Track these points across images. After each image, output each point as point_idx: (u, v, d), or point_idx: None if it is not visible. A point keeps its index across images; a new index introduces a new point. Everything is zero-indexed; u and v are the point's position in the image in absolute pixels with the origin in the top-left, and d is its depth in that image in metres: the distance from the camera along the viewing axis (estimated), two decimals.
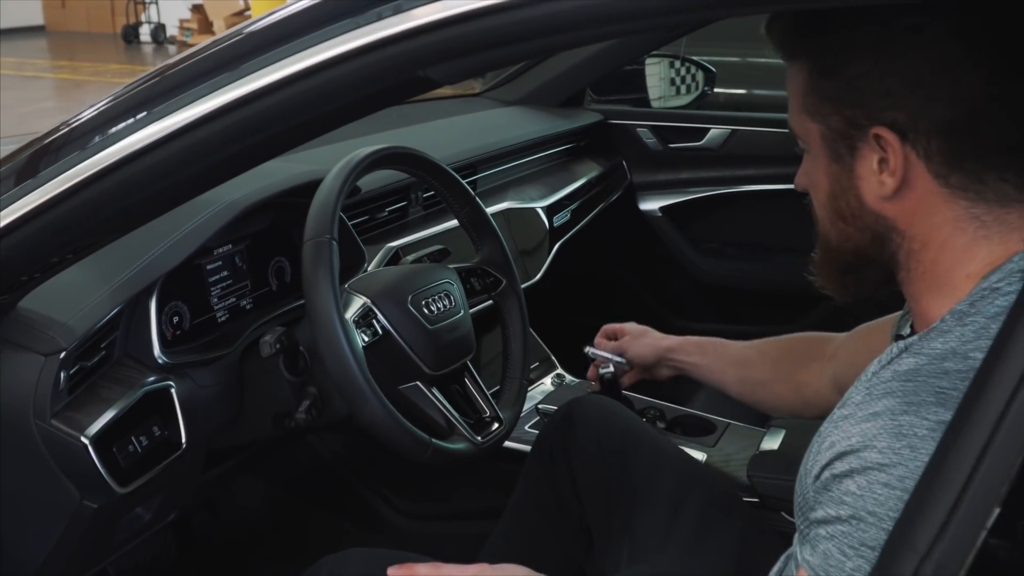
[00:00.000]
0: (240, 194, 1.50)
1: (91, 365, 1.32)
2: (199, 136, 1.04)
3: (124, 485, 1.28)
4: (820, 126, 1.03)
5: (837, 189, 1.04)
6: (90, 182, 1.08)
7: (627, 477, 1.58)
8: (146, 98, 1.08)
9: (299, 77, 0.98)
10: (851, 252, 1.07)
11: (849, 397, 1.01)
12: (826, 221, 1.08)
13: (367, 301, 1.45)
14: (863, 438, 0.93)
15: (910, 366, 0.96)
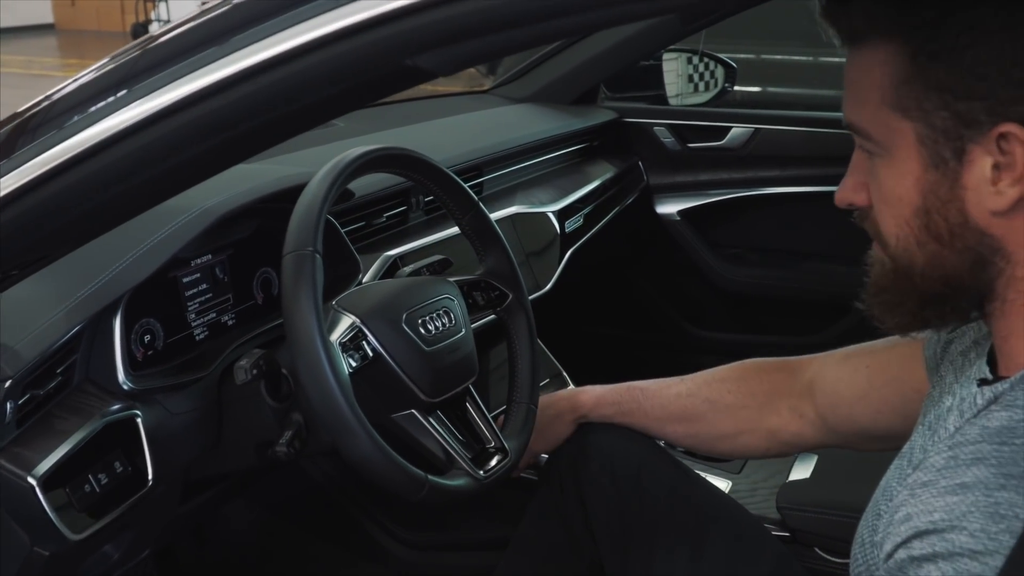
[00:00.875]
0: (215, 200, 1.37)
1: (45, 393, 1.19)
2: (180, 121, 0.91)
3: (78, 531, 1.14)
4: (918, 125, 0.88)
5: (933, 203, 0.89)
6: (55, 174, 0.95)
7: (644, 511, 1.45)
8: (128, 75, 0.95)
9: (266, 67, 0.84)
10: (941, 280, 0.92)
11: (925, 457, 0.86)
12: (909, 242, 0.92)
13: (356, 320, 1.31)
14: (949, 515, 0.80)
15: (1003, 422, 0.82)
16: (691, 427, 1.51)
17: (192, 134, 0.91)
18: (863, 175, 0.96)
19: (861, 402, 1.35)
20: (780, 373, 1.48)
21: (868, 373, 1.35)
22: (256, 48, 0.83)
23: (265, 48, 0.82)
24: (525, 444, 1.49)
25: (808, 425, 1.43)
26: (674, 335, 2.82)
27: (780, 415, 1.45)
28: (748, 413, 1.48)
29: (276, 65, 0.83)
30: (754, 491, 1.74)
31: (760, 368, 1.50)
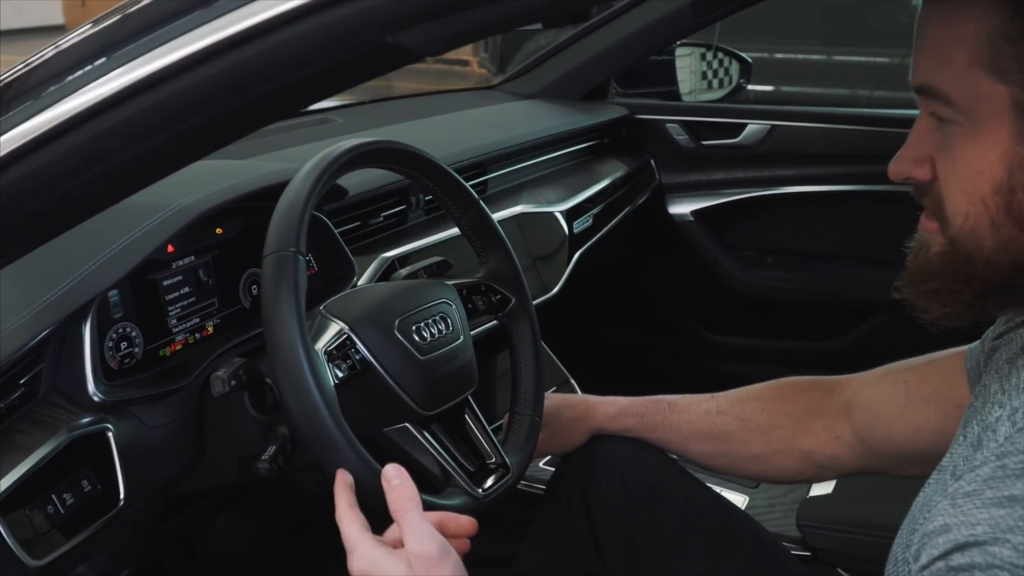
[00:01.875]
0: (194, 198, 1.29)
1: (7, 405, 1.11)
2: (154, 99, 0.84)
3: (38, 558, 1.06)
4: (1014, 89, 0.81)
5: (1020, 180, 0.83)
6: (32, 149, 0.88)
7: (656, 530, 1.39)
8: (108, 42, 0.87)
9: (227, 47, 0.76)
10: (1011, 266, 0.86)
11: (970, 467, 0.79)
12: (981, 224, 0.86)
13: (344, 327, 1.23)
14: (993, 529, 0.73)
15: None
16: (719, 446, 1.45)
17: (158, 118, 0.85)
18: (927, 146, 0.89)
19: (899, 419, 1.29)
20: (816, 392, 1.42)
21: (907, 388, 1.29)
22: (223, 22, 0.76)
23: (253, 13, 0.75)
24: (528, 459, 1.41)
25: (844, 447, 1.37)
26: (687, 340, 2.78)
27: (816, 435, 1.39)
28: (782, 433, 1.41)
29: (254, 37, 0.76)
30: (772, 507, 1.68)
31: (796, 386, 1.44)
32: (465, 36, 0.74)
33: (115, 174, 0.91)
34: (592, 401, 1.49)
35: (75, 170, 0.89)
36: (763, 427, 1.42)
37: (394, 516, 0.97)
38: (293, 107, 1.03)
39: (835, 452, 1.37)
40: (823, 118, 2.58)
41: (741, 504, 1.65)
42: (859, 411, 1.35)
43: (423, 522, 0.96)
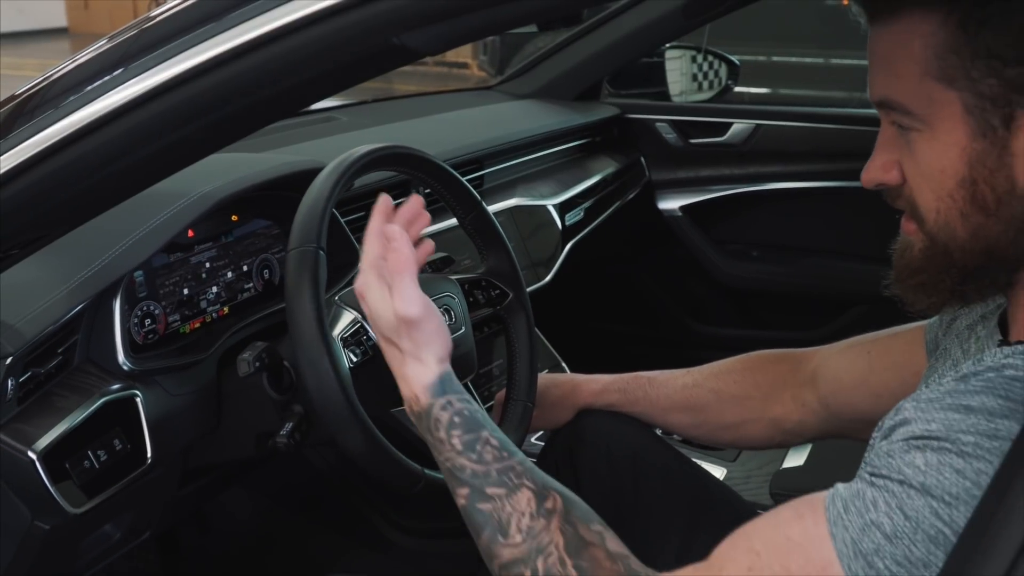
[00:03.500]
0: (214, 185, 1.39)
1: (45, 372, 1.21)
2: (169, 103, 0.93)
3: (77, 505, 1.17)
4: (965, 94, 0.88)
5: (980, 172, 0.89)
6: (58, 149, 0.97)
7: (639, 497, 1.46)
8: (125, 55, 0.97)
9: (256, 46, 0.86)
10: (983, 252, 0.92)
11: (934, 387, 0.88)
12: (952, 216, 0.92)
13: (357, 316, 1.32)
14: (947, 426, 0.82)
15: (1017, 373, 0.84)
16: (696, 416, 1.52)
17: (187, 112, 0.93)
18: (893, 153, 0.96)
19: (862, 387, 1.36)
20: (784, 364, 1.49)
21: (869, 359, 1.36)
22: (253, 24, 0.85)
23: (263, 23, 0.84)
24: (522, 440, 1.49)
25: (811, 414, 1.44)
26: (676, 331, 2.83)
27: (784, 404, 1.46)
28: (752, 403, 1.48)
29: (274, 40, 0.85)
30: (748, 479, 1.75)
31: (765, 359, 1.51)
32: (463, 37, 0.83)
33: (143, 164, 1.00)
34: (578, 379, 1.56)
35: (110, 159, 0.97)
36: (736, 398, 1.49)
37: (391, 273, 1.09)
38: (301, 104, 1.11)
39: (802, 419, 1.44)
40: (805, 117, 2.63)
41: (720, 476, 1.71)
42: (824, 380, 1.41)
43: (412, 287, 1.08)
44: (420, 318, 1.07)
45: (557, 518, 1.01)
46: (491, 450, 1.05)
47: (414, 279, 1.09)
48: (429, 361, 1.09)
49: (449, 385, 1.09)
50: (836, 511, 0.85)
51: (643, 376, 1.54)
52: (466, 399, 1.09)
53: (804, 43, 5.70)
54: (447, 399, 1.08)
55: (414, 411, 1.09)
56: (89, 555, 1.37)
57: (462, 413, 1.07)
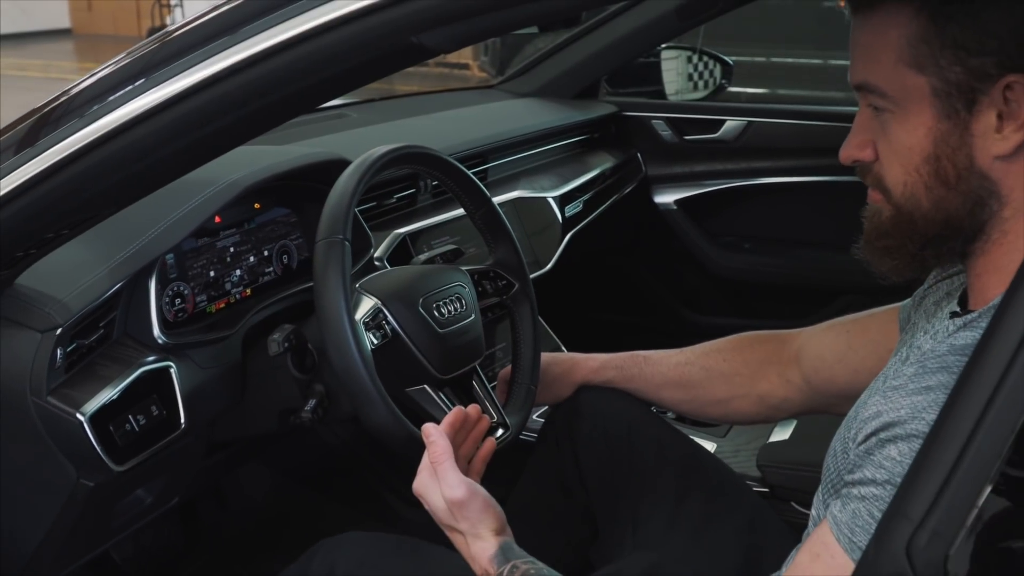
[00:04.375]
0: (240, 175, 1.49)
1: (89, 343, 1.32)
2: (195, 104, 1.03)
3: (120, 463, 1.27)
4: (933, 79, 0.97)
5: (943, 150, 0.98)
6: (85, 152, 1.07)
7: (633, 464, 1.55)
8: (146, 65, 1.07)
9: (290, 44, 0.96)
10: (942, 222, 1.01)
11: (898, 370, 0.98)
12: (917, 188, 1.01)
13: (377, 302, 1.42)
14: (913, 411, 0.92)
15: (969, 341, 0.94)
16: (688, 392, 1.60)
17: (226, 105, 1.03)
18: (868, 133, 1.04)
19: (841, 364, 1.45)
20: (770, 343, 1.58)
21: (848, 338, 1.46)
22: (286, 26, 0.96)
23: (296, 25, 0.94)
24: (525, 420, 1.59)
25: (795, 390, 1.53)
26: (671, 320, 2.92)
27: (770, 381, 1.55)
28: (741, 380, 1.57)
29: (305, 40, 0.95)
30: (737, 452, 1.84)
31: (753, 339, 1.60)
32: (475, 37, 0.94)
33: (182, 152, 1.10)
34: (577, 358, 1.66)
35: (152, 149, 1.07)
36: (725, 375, 1.58)
37: (432, 465, 1.19)
38: (324, 99, 1.21)
39: (786, 395, 1.54)
40: (795, 115, 2.71)
41: (711, 450, 1.81)
42: (807, 358, 1.51)
43: (454, 471, 1.18)
44: (466, 498, 1.17)
45: None
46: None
47: (454, 466, 1.19)
48: (486, 536, 1.17)
49: (511, 552, 1.17)
50: (846, 538, 0.94)
51: (639, 355, 1.64)
52: (529, 560, 1.17)
53: (803, 44, 5.75)
54: (512, 564, 1.15)
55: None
56: (123, 517, 1.48)
57: (528, 573, 1.15)
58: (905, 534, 0.71)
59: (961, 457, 0.70)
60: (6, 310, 1.26)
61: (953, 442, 0.71)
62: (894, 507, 0.75)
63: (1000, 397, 0.70)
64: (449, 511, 1.18)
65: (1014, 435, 0.69)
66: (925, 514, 0.70)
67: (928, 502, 0.70)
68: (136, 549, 1.88)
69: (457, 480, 1.17)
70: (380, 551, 1.35)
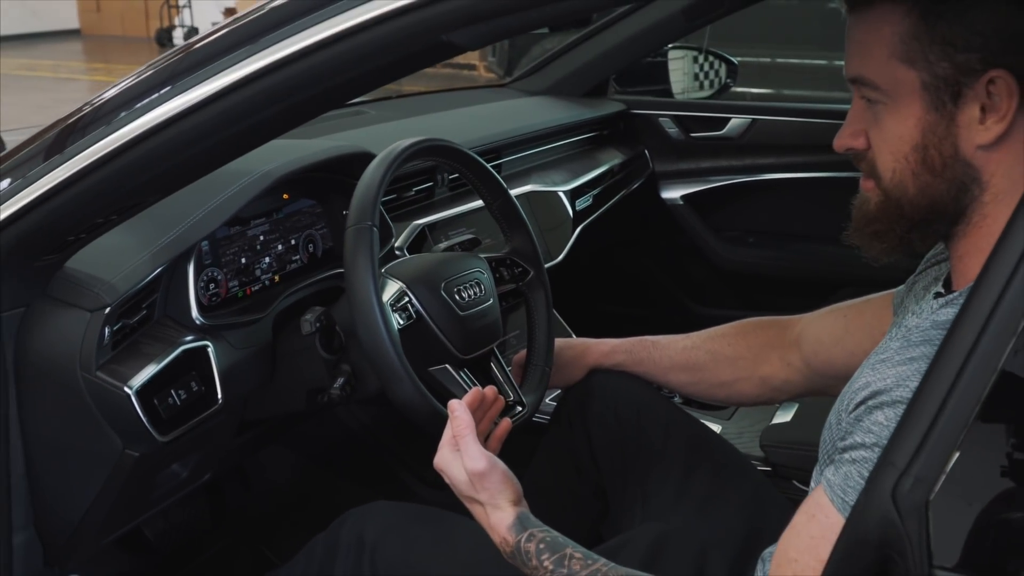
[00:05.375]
0: (273, 166, 1.57)
1: (133, 323, 1.39)
2: (229, 102, 1.11)
3: (164, 434, 1.35)
4: (923, 73, 1.03)
5: (931, 140, 1.05)
6: (125, 150, 1.15)
7: (642, 442, 1.62)
8: (172, 74, 1.15)
9: (331, 41, 1.04)
10: (927, 206, 1.08)
11: (886, 345, 1.06)
12: (905, 175, 1.07)
13: (403, 286, 1.50)
14: (898, 379, 0.99)
15: (949, 316, 1.00)
16: (694, 375, 1.67)
17: (262, 101, 1.11)
18: (861, 123, 1.11)
19: (838, 346, 1.52)
20: (772, 328, 1.65)
21: (845, 321, 1.53)
22: (324, 26, 1.04)
23: (334, 24, 1.02)
24: (540, 399, 1.66)
25: (795, 372, 1.60)
26: (677, 312, 2.98)
27: (772, 364, 1.62)
28: (744, 363, 1.64)
29: (342, 39, 1.03)
30: (741, 434, 1.92)
31: (756, 325, 1.68)
32: (500, 35, 1.02)
33: (222, 145, 1.19)
34: (588, 343, 1.73)
35: (195, 141, 1.15)
36: (729, 359, 1.65)
37: (455, 438, 1.26)
38: (354, 95, 1.29)
39: (788, 377, 1.61)
40: (798, 113, 2.77)
41: (716, 431, 1.88)
42: (807, 342, 1.58)
43: (475, 445, 1.24)
44: (487, 470, 1.23)
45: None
46: (577, 561, 1.19)
47: (476, 440, 1.25)
48: (505, 506, 1.24)
49: (527, 521, 1.23)
50: (839, 499, 1.01)
51: (647, 339, 1.71)
52: (545, 528, 1.23)
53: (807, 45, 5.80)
54: (529, 532, 1.22)
55: (507, 552, 1.23)
56: (160, 490, 1.56)
57: (544, 540, 1.21)
58: (891, 480, 0.79)
59: (940, 411, 0.78)
60: (56, 291, 1.34)
61: (934, 398, 0.79)
62: (882, 458, 0.83)
63: (973, 360, 0.78)
64: (470, 483, 1.24)
65: (986, 392, 0.77)
66: (909, 462, 0.78)
67: (912, 451, 0.78)
68: (167, 525, 1.96)
69: (479, 452, 1.24)
70: (405, 518, 1.43)
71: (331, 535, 1.46)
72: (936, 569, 0.76)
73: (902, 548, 0.78)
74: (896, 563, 0.79)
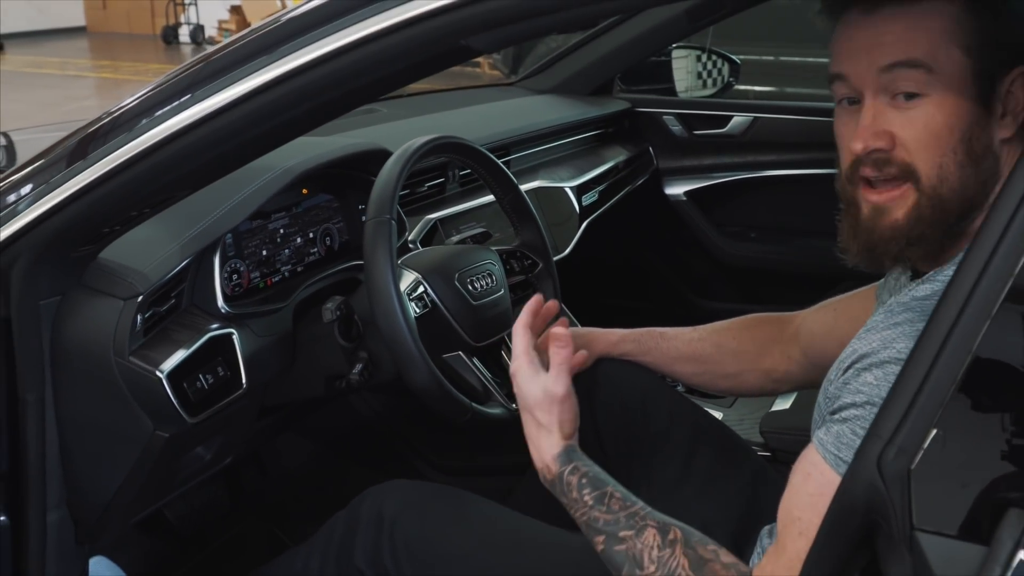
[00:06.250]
0: (294, 161, 1.63)
1: (162, 311, 1.46)
2: (262, 101, 1.16)
3: (193, 415, 1.41)
4: (973, 61, 1.06)
5: (975, 131, 1.07)
6: (159, 147, 1.21)
7: (647, 428, 1.67)
8: (192, 82, 1.21)
9: (354, 46, 1.10)
10: (963, 200, 1.09)
11: (871, 319, 1.12)
12: (949, 169, 1.08)
13: (418, 276, 1.56)
14: (883, 342, 1.05)
15: (927, 292, 1.08)
16: (700, 367, 1.73)
17: (294, 100, 1.17)
18: (884, 123, 1.10)
19: (830, 337, 1.57)
20: (773, 323, 1.71)
21: (835, 314, 1.60)
22: (352, 30, 1.10)
23: (361, 29, 1.08)
24: None
25: (795, 365, 1.66)
26: (680, 305, 3.04)
27: (773, 357, 1.69)
28: (748, 356, 1.70)
29: (366, 43, 1.09)
30: (742, 421, 1.99)
31: (758, 320, 1.74)
32: (515, 39, 1.08)
33: (251, 143, 1.25)
34: (596, 332, 1.77)
35: (225, 138, 1.21)
36: (734, 352, 1.71)
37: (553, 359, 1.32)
38: (373, 97, 1.34)
39: (788, 369, 1.67)
40: (799, 111, 2.82)
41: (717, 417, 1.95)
42: (804, 335, 1.65)
43: (567, 374, 1.32)
44: (565, 396, 1.30)
45: (679, 546, 1.19)
46: (617, 501, 1.23)
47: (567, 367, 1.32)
48: (557, 435, 1.30)
49: (574, 454, 1.28)
50: (832, 456, 1.07)
51: (655, 331, 1.77)
52: (588, 463, 1.27)
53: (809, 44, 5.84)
54: (574, 465, 1.27)
55: (547, 479, 1.28)
56: (186, 471, 1.63)
57: (587, 475, 1.25)
58: (876, 450, 0.86)
59: (921, 388, 0.85)
60: (91, 281, 1.40)
61: (915, 375, 0.85)
62: (870, 429, 0.90)
63: (950, 343, 0.85)
64: (543, 400, 1.30)
65: (962, 372, 0.84)
66: (893, 433, 0.85)
67: (895, 423, 0.85)
68: (188, 509, 2.03)
69: (565, 378, 1.31)
70: (424, 495, 1.50)
71: (351, 512, 1.53)
72: (917, 531, 0.82)
73: (886, 512, 0.85)
74: (881, 526, 0.86)
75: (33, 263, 1.33)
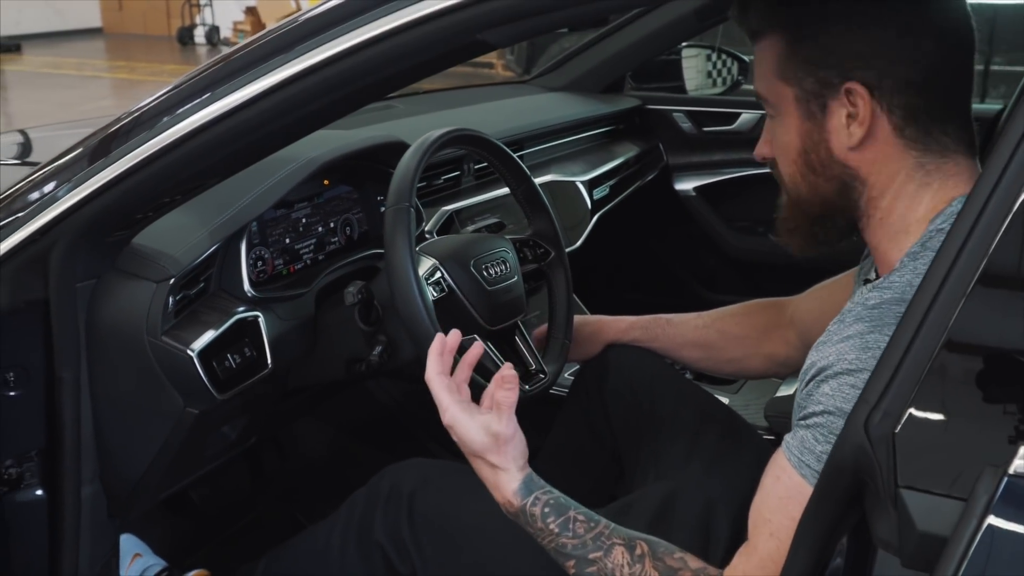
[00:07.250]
0: (316, 153, 1.70)
1: (192, 295, 1.53)
2: (281, 97, 1.23)
3: (222, 392, 1.48)
4: (795, 89, 1.19)
5: (809, 144, 1.20)
6: (189, 138, 1.27)
7: (655, 411, 1.74)
8: (212, 81, 1.27)
9: (372, 43, 1.16)
10: (819, 203, 1.22)
11: (828, 329, 1.19)
12: (796, 177, 1.23)
13: (436, 262, 1.62)
14: (837, 355, 1.12)
15: (876, 300, 1.14)
16: (705, 352, 1.81)
17: (318, 91, 1.23)
18: (768, 134, 1.27)
19: (820, 321, 1.58)
20: (773, 309, 1.79)
21: (820, 302, 1.68)
22: (373, 26, 1.16)
23: (378, 27, 1.15)
24: (560, 369, 1.78)
25: (794, 348, 1.73)
26: (689, 298, 3.04)
27: (774, 342, 1.76)
28: (751, 341, 1.78)
29: (385, 39, 1.15)
30: (747, 405, 2.04)
31: (760, 305, 1.81)
32: (529, 34, 1.14)
33: (278, 132, 1.31)
34: (605, 319, 1.85)
35: (252, 130, 1.27)
36: (737, 337, 1.78)
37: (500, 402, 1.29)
38: (391, 90, 1.40)
39: (788, 353, 1.74)
40: None
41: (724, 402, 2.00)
42: (799, 320, 1.72)
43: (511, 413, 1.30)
44: (513, 433, 1.29)
45: (648, 559, 1.23)
46: (581, 524, 1.27)
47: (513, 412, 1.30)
48: (513, 470, 1.30)
49: (533, 484, 1.30)
50: (796, 459, 1.15)
51: (662, 317, 1.84)
52: (548, 490, 1.29)
53: None
54: (534, 496, 1.29)
55: (511, 512, 1.30)
56: (212, 449, 1.70)
57: (549, 503, 1.28)
58: (864, 414, 0.92)
59: (905, 356, 0.91)
60: (125, 264, 1.47)
61: (900, 345, 0.92)
62: (860, 396, 0.96)
63: (929, 319, 0.91)
64: (492, 444, 1.29)
65: (941, 342, 0.90)
66: (879, 398, 0.92)
67: (881, 389, 0.92)
68: (211, 490, 2.10)
69: (510, 420, 1.29)
70: (441, 472, 1.57)
71: (371, 489, 1.59)
72: (901, 488, 0.89)
73: (873, 472, 0.91)
74: (868, 484, 0.93)
75: (70, 248, 1.39)
